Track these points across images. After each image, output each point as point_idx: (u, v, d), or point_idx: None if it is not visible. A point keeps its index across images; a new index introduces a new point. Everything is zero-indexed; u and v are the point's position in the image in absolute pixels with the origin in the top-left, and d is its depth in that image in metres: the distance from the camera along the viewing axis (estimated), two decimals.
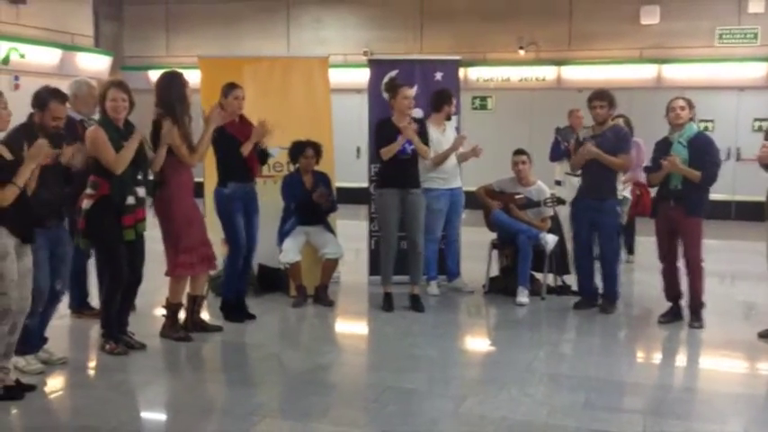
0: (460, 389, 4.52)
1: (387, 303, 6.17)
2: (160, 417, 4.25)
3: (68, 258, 4.70)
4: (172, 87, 5.10)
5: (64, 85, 5.67)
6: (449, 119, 6.81)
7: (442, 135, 6.65)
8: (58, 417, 4.17)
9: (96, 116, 5.44)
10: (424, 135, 6.13)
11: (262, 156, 5.82)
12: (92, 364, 4.93)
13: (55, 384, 4.47)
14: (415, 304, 6.15)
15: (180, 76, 5.21)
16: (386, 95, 6.34)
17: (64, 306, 5.71)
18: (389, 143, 5.94)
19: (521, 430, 3.86)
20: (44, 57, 11.86)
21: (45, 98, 4.35)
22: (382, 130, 6.09)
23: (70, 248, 4.73)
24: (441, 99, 6.70)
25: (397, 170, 6.03)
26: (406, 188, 6.07)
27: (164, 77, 5.20)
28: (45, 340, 4.72)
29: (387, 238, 6.17)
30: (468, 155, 6.77)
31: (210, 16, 15.08)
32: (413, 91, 6.20)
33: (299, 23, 14.77)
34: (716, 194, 5.99)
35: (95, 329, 5.40)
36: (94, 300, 5.87)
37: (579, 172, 6.39)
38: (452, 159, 6.67)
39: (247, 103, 5.79)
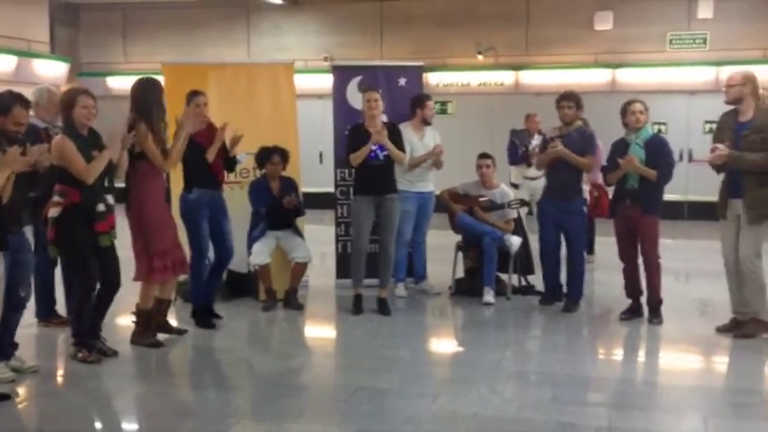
0: (432, 388, 4.62)
1: (356, 305, 6.22)
2: (135, 422, 4.26)
3: (31, 265, 4.67)
4: (148, 93, 5.12)
5: (23, 92, 5.65)
6: (427, 123, 6.88)
7: (419, 140, 6.76)
8: (31, 425, 4.15)
9: (59, 123, 5.43)
10: (397, 140, 6.16)
11: (230, 163, 5.86)
12: (63, 372, 4.91)
13: (27, 392, 4.44)
14: (382, 308, 6.21)
15: (156, 82, 5.22)
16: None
17: (31, 315, 5.69)
18: (360, 148, 6.00)
19: (492, 426, 3.98)
20: None
21: (8, 103, 4.33)
22: (353, 136, 6.14)
23: (32, 255, 4.70)
24: (413, 104, 6.83)
25: (371, 176, 6.07)
26: (382, 194, 6.11)
27: (140, 83, 5.21)
28: (16, 346, 4.69)
29: (358, 242, 6.21)
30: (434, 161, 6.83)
31: (169, 22, 15.00)
32: (376, 94, 6.17)
33: (260, 30, 14.78)
34: (669, 195, 6.22)
35: (63, 338, 5.38)
36: (62, 308, 5.85)
37: (539, 174, 6.57)
38: (424, 166, 6.77)
39: (212, 109, 5.82)
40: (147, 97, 5.10)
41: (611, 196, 6.49)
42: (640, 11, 13.10)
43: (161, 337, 5.40)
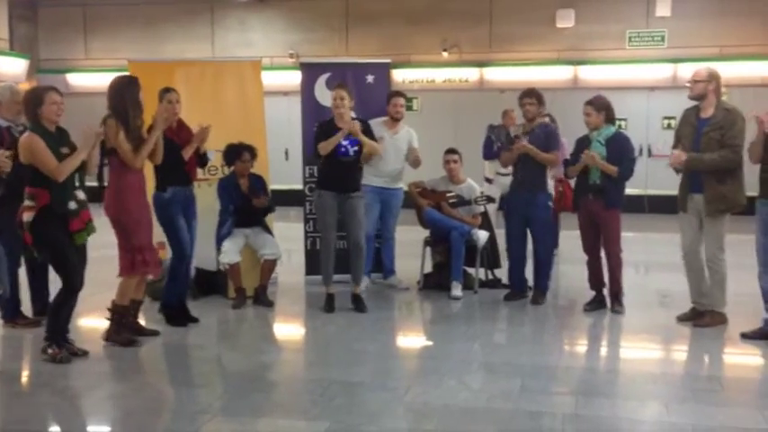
0: (403, 380, 4.69)
1: (328, 304, 6.20)
2: (107, 421, 4.25)
3: (3, 263, 4.63)
4: (125, 91, 5.09)
5: None
6: (396, 120, 6.90)
7: (390, 137, 6.81)
8: (3, 426, 4.11)
9: (23, 121, 5.38)
10: (369, 135, 6.12)
11: (202, 159, 5.86)
12: (31, 372, 4.87)
13: None
14: (358, 305, 6.20)
15: (135, 81, 5.20)
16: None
17: None
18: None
19: (462, 416, 4.06)
20: None
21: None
22: (322, 130, 6.09)
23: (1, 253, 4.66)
24: (387, 100, 6.89)
25: (337, 172, 6.03)
26: (346, 192, 6.07)
27: (118, 81, 5.18)
28: None
29: (325, 239, 6.17)
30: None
31: (130, 18, 14.83)
32: (342, 92, 6.07)
33: (224, 25, 14.70)
34: (629, 189, 6.38)
35: (31, 339, 5.34)
36: (27, 309, 5.80)
37: (509, 169, 6.69)
38: (392, 164, 6.84)
39: (181, 106, 5.81)
40: (123, 95, 5.08)
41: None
42: (601, 9, 13.35)
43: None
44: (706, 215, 5.51)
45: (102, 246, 5.53)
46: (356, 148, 6.01)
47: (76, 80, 14.67)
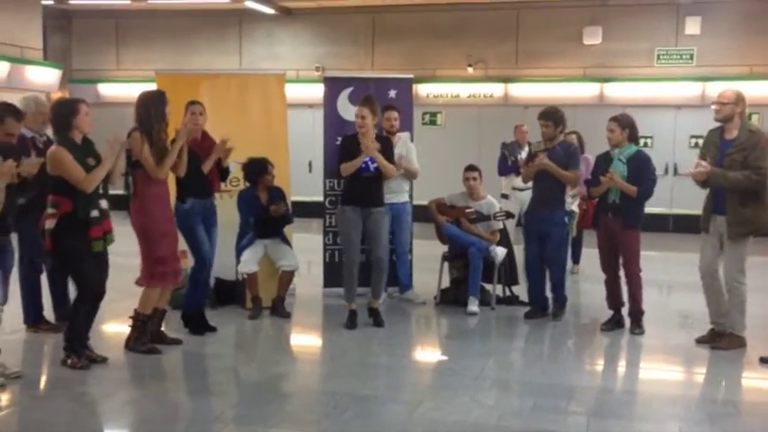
0: (415, 395, 4.71)
1: (350, 321, 6.13)
2: (123, 427, 4.32)
3: (11, 269, 4.76)
4: (150, 106, 5.20)
5: (13, 99, 5.73)
6: (390, 133, 6.70)
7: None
8: (18, 430, 4.19)
9: (48, 132, 5.51)
10: (388, 152, 6.10)
11: (223, 171, 5.94)
12: (51, 377, 4.96)
13: (15, 397, 4.49)
14: (376, 318, 6.18)
15: (162, 96, 5.30)
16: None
17: (19, 321, 5.75)
18: (351, 159, 5.95)
19: None
20: None
21: (1, 114, 4.38)
22: (345, 147, 6.09)
23: (12, 260, 4.81)
24: None
25: (359, 188, 6.02)
26: (369, 207, 6.04)
27: (146, 95, 5.29)
28: None
29: (349, 256, 6.11)
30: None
31: (161, 30, 15.07)
32: (365, 110, 5.96)
33: (252, 38, 14.88)
34: (654, 208, 6.34)
35: (52, 344, 5.43)
36: (49, 314, 5.90)
37: (528, 185, 6.68)
38: (396, 176, 6.82)
39: (205, 118, 5.90)
40: (149, 109, 5.19)
41: None
42: (629, 26, 13.28)
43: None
44: (728, 237, 5.45)
45: (126, 254, 5.62)
46: (376, 164, 6.00)
47: (107, 90, 14.91)
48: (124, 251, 5.35)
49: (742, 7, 12.74)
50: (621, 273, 6.14)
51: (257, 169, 6.53)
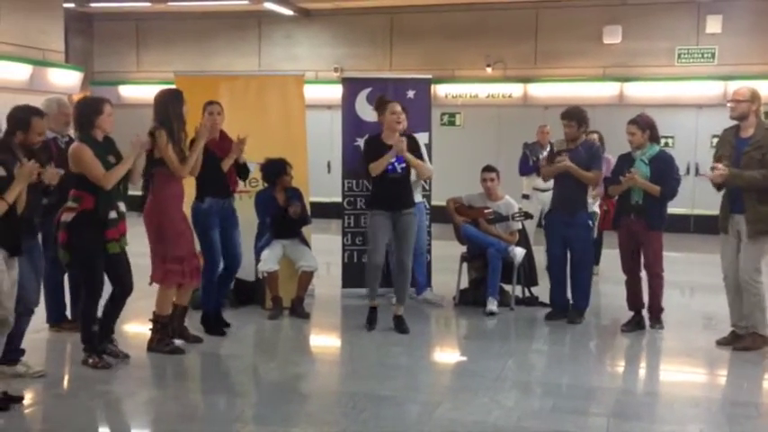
0: (434, 396, 4.70)
1: (371, 318, 6.05)
2: (143, 426, 4.36)
3: (42, 270, 4.80)
4: (169, 104, 5.28)
5: (36, 101, 5.79)
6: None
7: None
8: (41, 427, 4.24)
9: (71, 133, 5.56)
10: (416, 151, 5.91)
11: (243, 171, 5.97)
12: (73, 376, 5.01)
13: (38, 396, 4.54)
14: (400, 325, 6.03)
15: (179, 94, 5.37)
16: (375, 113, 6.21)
17: (42, 320, 5.81)
18: (376, 159, 5.75)
19: None
20: (15, 72, 11.83)
21: (26, 118, 4.42)
22: (371, 147, 5.90)
23: (42, 261, 4.83)
24: None
25: (387, 190, 5.83)
26: (399, 209, 5.86)
27: (163, 94, 5.36)
28: (22, 352, 4.80)
29: (374, 260, 5.93)
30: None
31: (181, 32, 15.18)
32: (398, 106, 5.90)
33: (271, 40, 14.94)
34: (675, 208, 6.28)
35: (74, 342, 5.48)
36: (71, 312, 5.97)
37: (549, 186, 6.64)
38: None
39: (223, 118, 5.94)
40: (168, 108, 5.26)
41: None
42: (649, 25, 13.17)
43: (178, 342, 5.48)
44: (746, 236, 5.40)
45: (144, 254, 5.65)
46: (404, 164, 5.81)
47: (128, 92, 15.04)
48: (142, 252, 5.39)
49: (764, 5, 12.60)
50: (642, 274, 6.09)
51: (275, 170, 6.56)
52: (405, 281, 6.05)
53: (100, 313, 5.05)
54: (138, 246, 5.34)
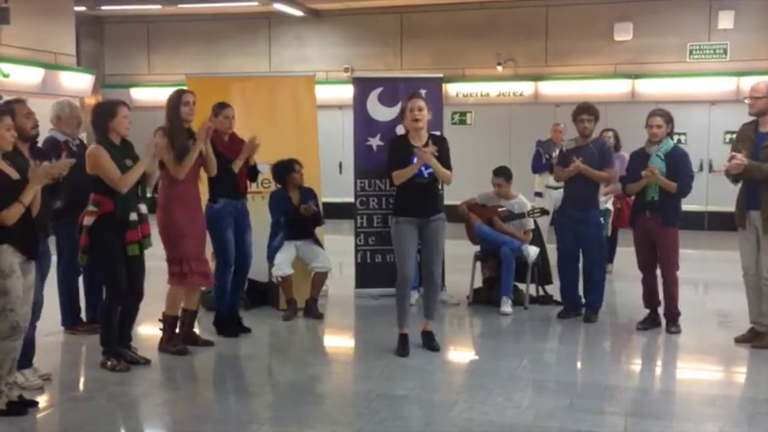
0: (449, 395, 4.68)
1: (402, 347, 5.43)
2: (159, 428, 4.37)
3: (47, 272, 4.84)
4: (167, 105, 5.34)
5: (48, 104, 5.83)
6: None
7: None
8: (57, 430, 4.25)
9: (82, 136, 5.59)
10: (444, 154, 5.32)
11: (253, 173, 5.97)
12: (89, 378, 5.02)
13: (54, 399, 4.56)
14: (430, 342, 5.53)
15: (177, 93, 5.38)
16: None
17: (57, 323, 5.83)
18: (402, 164, 5.26)
19: None
20: (27, 76, 11.90)
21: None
22: (395, 149, 5.42)
23: (49, 264, 4.87)
24: None
25: (413, 197, 5.31)
26: (427, 216, 5.33)
27: (169, 96, 5.41)
28: (31, 357, 4.80)
29: (403, 270, 5.34)
30: None
31: (192, 34, 15.22)
32: (420, 102, 5.34)
33: (281, 41, 14.96)
34: (689, 205, 6.23)
35: (89, 345, 5.51)
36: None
37: (561, 183, 6.61)
38: None
39: (236, 120, 5.95)
40: (167, 109, 5.32)
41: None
42: (660, 21, 13.09)
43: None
44: (764, 232, 5.34)
45: (161, 257, 5.67)
46: (430, 170, 5.28)
47: (139, 95, 15.10)
48: (159, 254, 5.40)
49: None
50: (658, 271, 6.05)
51: (284, 169, 6.57)
52: (434, 294, 5.57)
53: None
54: (154, 248, 5.33)
